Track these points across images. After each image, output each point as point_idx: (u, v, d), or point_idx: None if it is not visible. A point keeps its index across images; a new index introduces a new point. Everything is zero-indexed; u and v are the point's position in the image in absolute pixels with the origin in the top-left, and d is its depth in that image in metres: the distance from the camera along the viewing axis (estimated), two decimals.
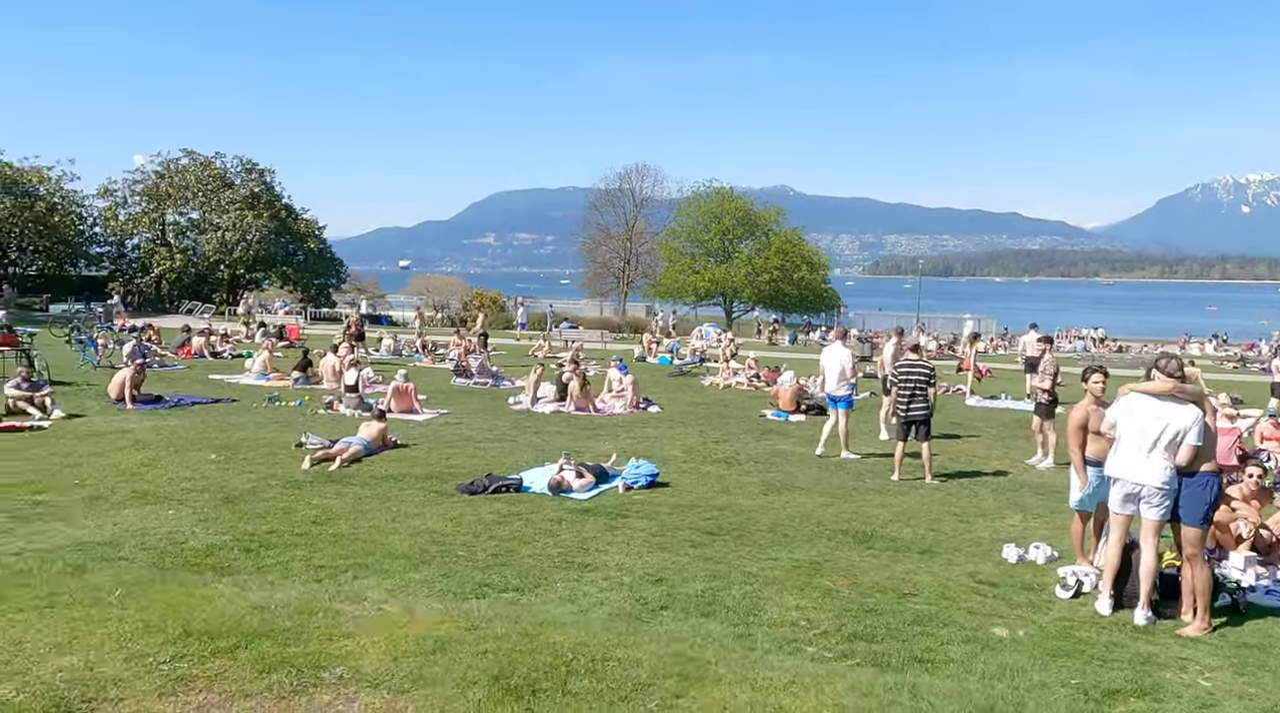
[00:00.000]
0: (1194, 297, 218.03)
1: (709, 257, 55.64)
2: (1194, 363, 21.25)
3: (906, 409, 10.35)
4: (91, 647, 4.44)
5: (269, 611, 5.00)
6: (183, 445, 10.75)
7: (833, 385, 11.83)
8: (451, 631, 4.82)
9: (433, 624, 4.92)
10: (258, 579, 5.86)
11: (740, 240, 55.36)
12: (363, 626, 4.87)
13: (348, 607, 5.17)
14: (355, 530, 7.32)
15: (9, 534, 6.88)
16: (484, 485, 8.88)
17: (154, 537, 6.93)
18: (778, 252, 53.32)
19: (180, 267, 47.46)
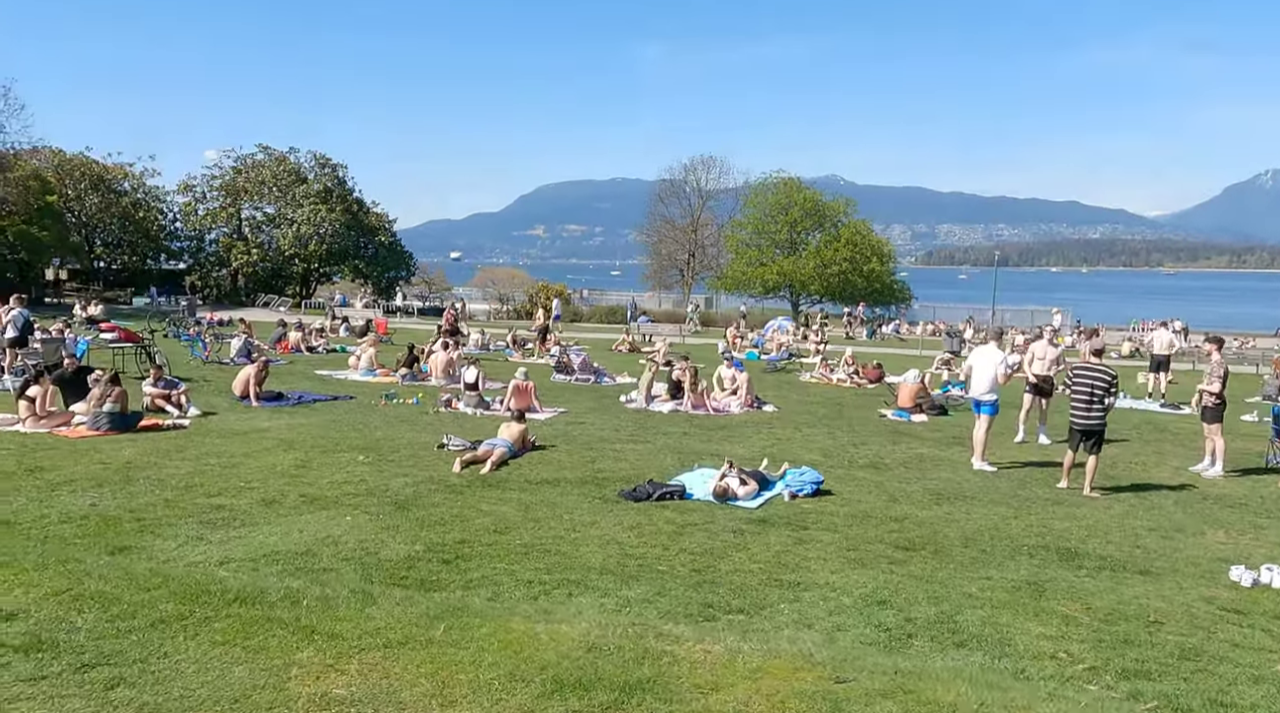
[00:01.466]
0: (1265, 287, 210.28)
1: (775, 249, 55.06)
2: None
3: (1085, 416, 9.84)
4: (468, 698, 4.16)
5: (603, 651, 4.68)
6: (328, 446, 10.73)
7: (981, 389, 11.37)
8: (821, 683, 4.42)
9: (790, 673, 4.53)
10: (505, 601, 5.67)
11: (808, 232, 54.67)
12: (720, 674, 4.48)
13: (667, 646, 4.81)
14: (539, 541, 7.15)
15: (204, 542, 6.83)
16: (648, 492, 8.66)
17: (346, 546, 6.83)
18: (847, 243, 52.53)
19: (256, 260, 48.31)
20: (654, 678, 4.37)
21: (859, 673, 4.54)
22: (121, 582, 5.22)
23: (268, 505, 8.00)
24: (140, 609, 4.91)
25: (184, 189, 49.23)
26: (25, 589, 5.12)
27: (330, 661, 4.36)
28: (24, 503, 7.76)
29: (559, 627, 4.81)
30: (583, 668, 4.42)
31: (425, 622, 4.90)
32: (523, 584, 6.07)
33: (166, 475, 8.97)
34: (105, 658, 4.27)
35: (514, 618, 4.87)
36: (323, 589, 5.53)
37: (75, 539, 6.76)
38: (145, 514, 7.53)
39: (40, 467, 9.14)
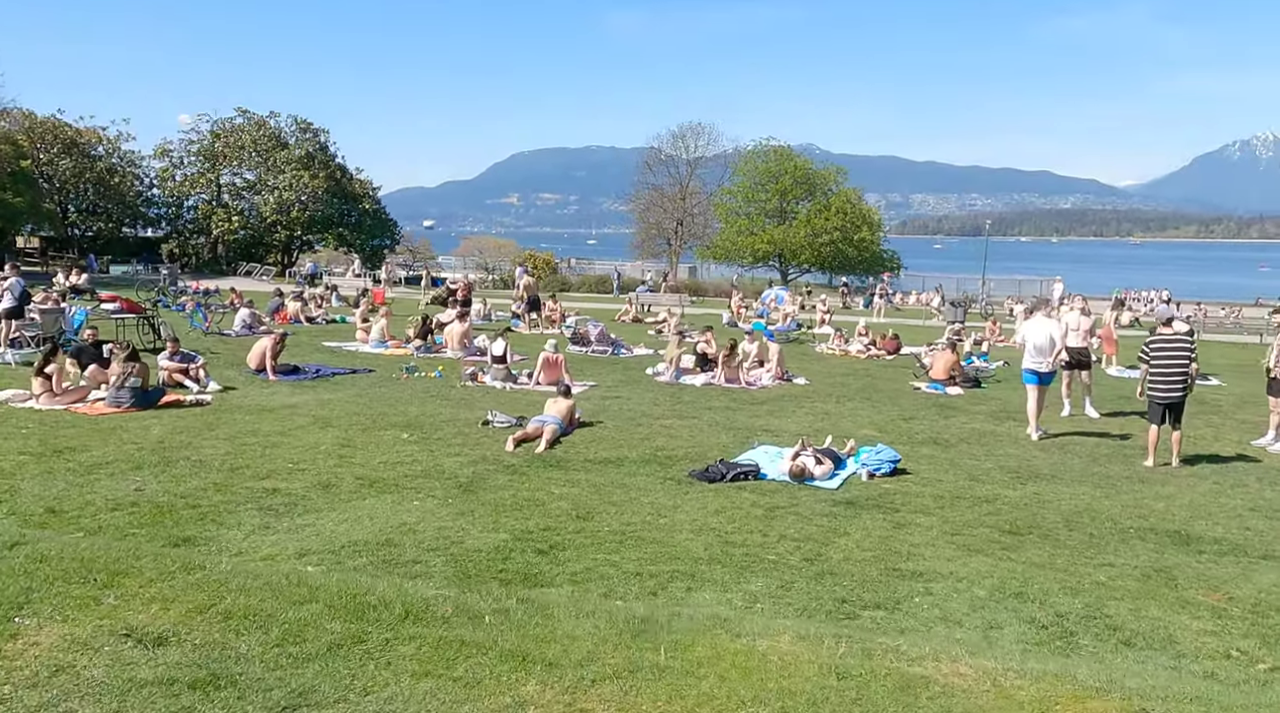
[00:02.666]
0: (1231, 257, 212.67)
1: (765, 217, 54.58)
2: None
3: (1170, 388, 9.51)
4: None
5: (855, 678, 3.97)
6: (366, 423, 10.20)
7: (1036, 360, 11.04)
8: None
9: (1077, 703, 3.87)
10: (623, 597, 5.22)
11: (799, 201, 54.20)
12: (1002, 706, 3.82)
13: (906, 666, 4.16)
14: (628, 528, 6.71)
15: (271, 531, 6.33)
16: (721, 473, 8.24)
17: (425, 535, 6.35)
18: (838, 212, 52.16)
19: (238, 228, 47.08)
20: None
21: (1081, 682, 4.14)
22: (263, 593, 4.58)
23: (325, 489, 7.50)
24: (304, 629, 4.24)
25: (160, 154, 47.74)
26: (162, 605, 4.41)
27: (566, 697, 3.73)
28: (63, 488, 7.19)
29: (776, 644, 4.27)
30: (862, 705, 3.78)
31: (626, 639, 4.31)
32: (631, 577, 5.63)
33: (206, 456, 8.42)
34: (301, 697, 3.66)
35: (713, 632, 4.34)
36: (461, 594, 4.97)
37: (132, 529, 6.23)
38: (198, 500, 7.00)
39: (69, 447, 8.55)
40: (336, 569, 5.51)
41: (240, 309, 19.58)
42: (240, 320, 19.18)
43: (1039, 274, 59.96)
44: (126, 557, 4.81)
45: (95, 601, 4.28)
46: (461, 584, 5.38)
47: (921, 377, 16.07)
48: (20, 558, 4.91)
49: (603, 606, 4.83)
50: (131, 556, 4.93)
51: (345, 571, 5.53)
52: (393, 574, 5.52)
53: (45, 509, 6.61)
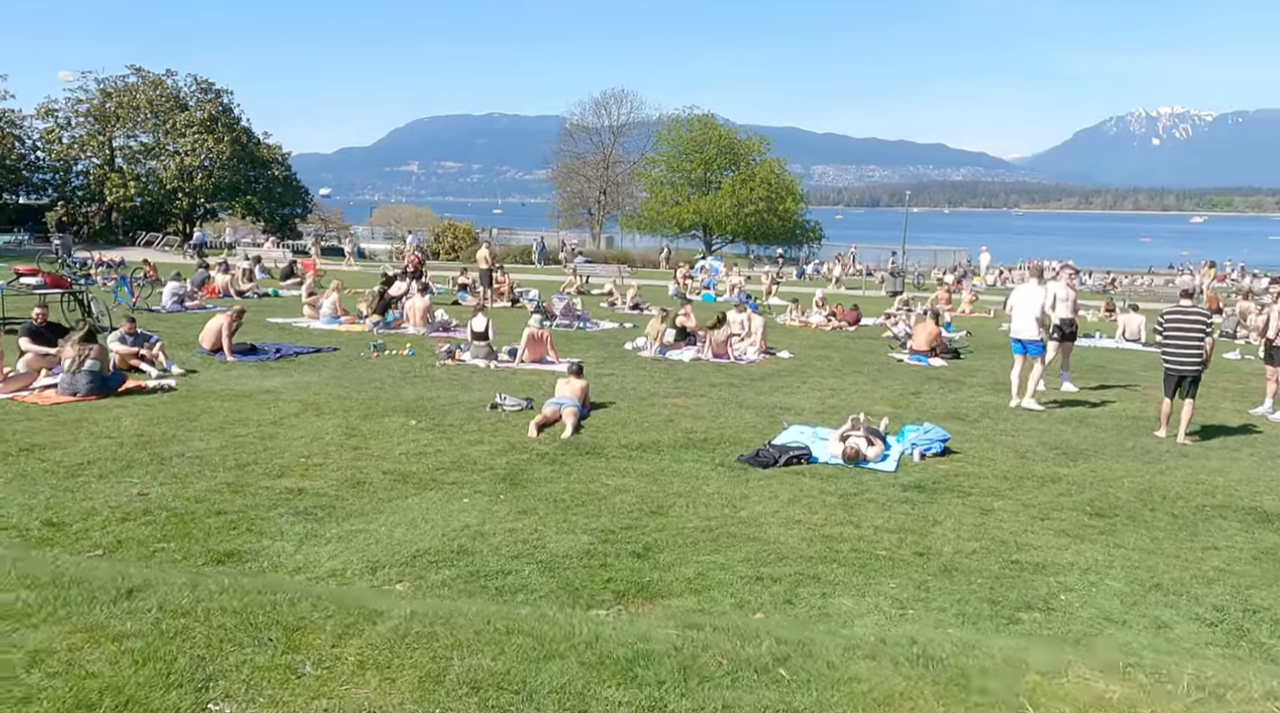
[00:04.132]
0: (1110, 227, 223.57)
1: (690, 187, 54.18)
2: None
3: (1184, 360, 9.49)
4: None
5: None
6: (362, 409, 9.32)
7: (1025, 329, 10.94)
8: None
9: None
10: (761, 607, 4.67)
11: (723, 170, 53.95)
12: None
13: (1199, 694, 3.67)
14: (712, 523, 6.17)
15: (320, 539, 5.55)
16: (774, 457, 7.77)
17: (497, 539, 5.67)
18: (763, 182, 52.15)
19: (134, 194, 43.96)
20: None
21: None
22: (476, 645, 3.65)
23: (356, 487, 6.71)
24: (584, 703, 3.38)
25: (44, 113, 44.03)
26: (383, 676, 3.41)
27: None
28: (51, 494, 6.20)
29: (1064, 684, 3.68)
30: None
31: (940, 689, 3.65)
32: (752, 583, 5.10)
33: (201, 452, 7.48)
34: None
35: (1020, 671, 3.74)
36: (685, 632, 4.14)
37: (158, 543, 5.35)
38: (219, 505, 6.13)
39: (36, 444, 7.46)
40: (430, 589, 4.81)
41: (169, 282, 18.03)
42: (170, 294, 17.67)
43: (927, 244, 60.74)
44: (284, 603, 3.77)
45: (291, 672, 3.30)
46: (574, 598, 4.77)
47: (898, 349, 15.98)
48: (150, 608, 3.59)
49: (875, 643, 4.16)
50: (289, 601, 3.89)
51: (433, 588, 4.84)
52: (488, 590, 4.87)
53: (42, 522, 5.65)
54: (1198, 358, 9.49)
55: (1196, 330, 9.52)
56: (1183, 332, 9.56)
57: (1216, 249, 76.01)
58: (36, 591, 3.11)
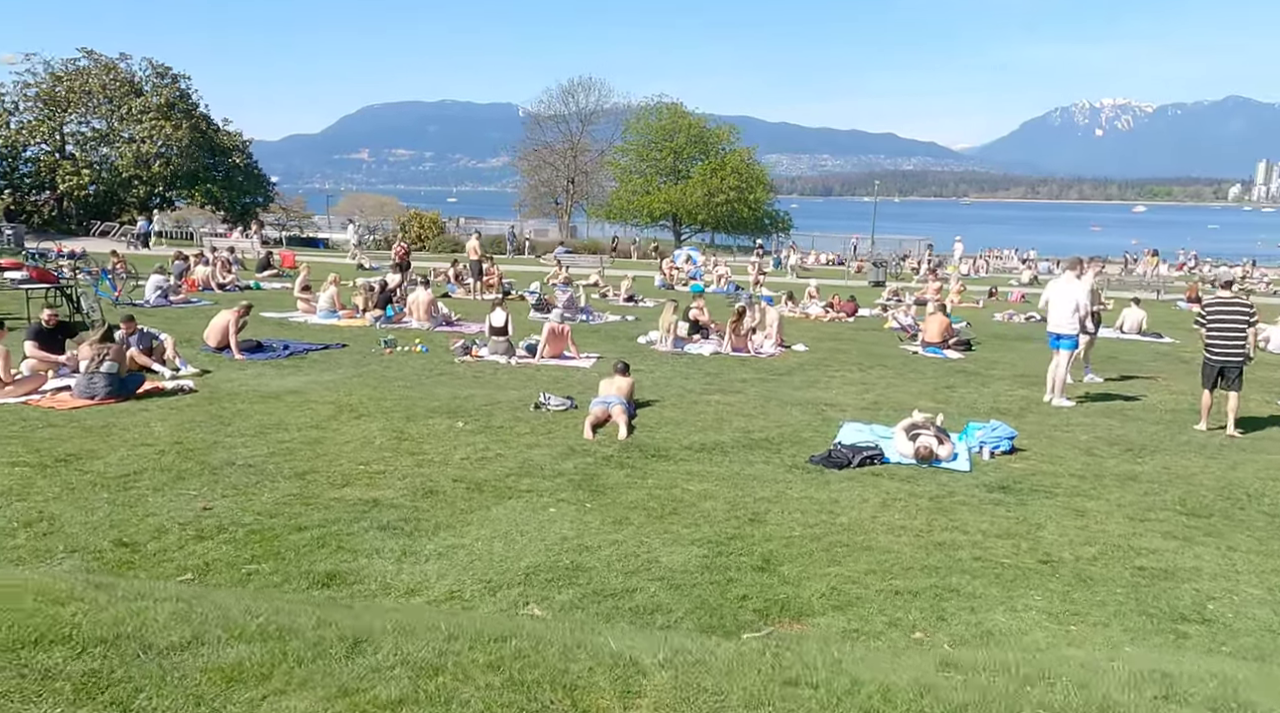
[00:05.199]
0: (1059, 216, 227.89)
1: (659, 176, 53.83)
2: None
3: (1227, 351, 9.45)
4: None
5: None
6: (401, 411, 8.90)
7: (1061, 323, 10.87)
8: None
9: None
10: (917, 628, 4.42)
11: (693, 159, 53.66)
12: None
13: None
14: (814, 530, 5.92)
15: (416, 558, 5.19)
16: (848, 458, 7.55)
17: (606, 553, 5.36)
18: (733, 171, 52.01)
19: (88, 183, 42.33)
20: None
21: None
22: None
23: (430, 497, 6.34)
24: None
25: None
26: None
27: None
28: (109, 509, 5.75)
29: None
30: None
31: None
32: (891, 598, 4.87)
33: (250, 459, 7.04)
34: None
35: (1237, 689, 3.57)
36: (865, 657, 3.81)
37: (247, 564, 4.96)
38: (295, 520, 5.73)
39: (71, 454, 6.95)
40: (562, 610, 4.50)
41: (152, 276, 17.27)
42: (153, 288, 16.93)
43: (888, 233, 60.44)
44: (529, 650, 3.11)
45: None
46: (716, 619, 4.50)
47: (908, 340, 15.91)
48: (392, 665, 2.89)
49: (1160, 682, 3.54)
50: (532, 648, 3.15)
51: (564, 610, 4.54)
52: (622, 611, 4.57)
53: (113, 542, 5.21)
54: (1240, 349, 9.48)
55: (1239, 321, 9.50)
56: (1225, 323, 9.54)
57: (1161, 238, 77.46)
58: (252, 644, 2.72)
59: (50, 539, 5.21)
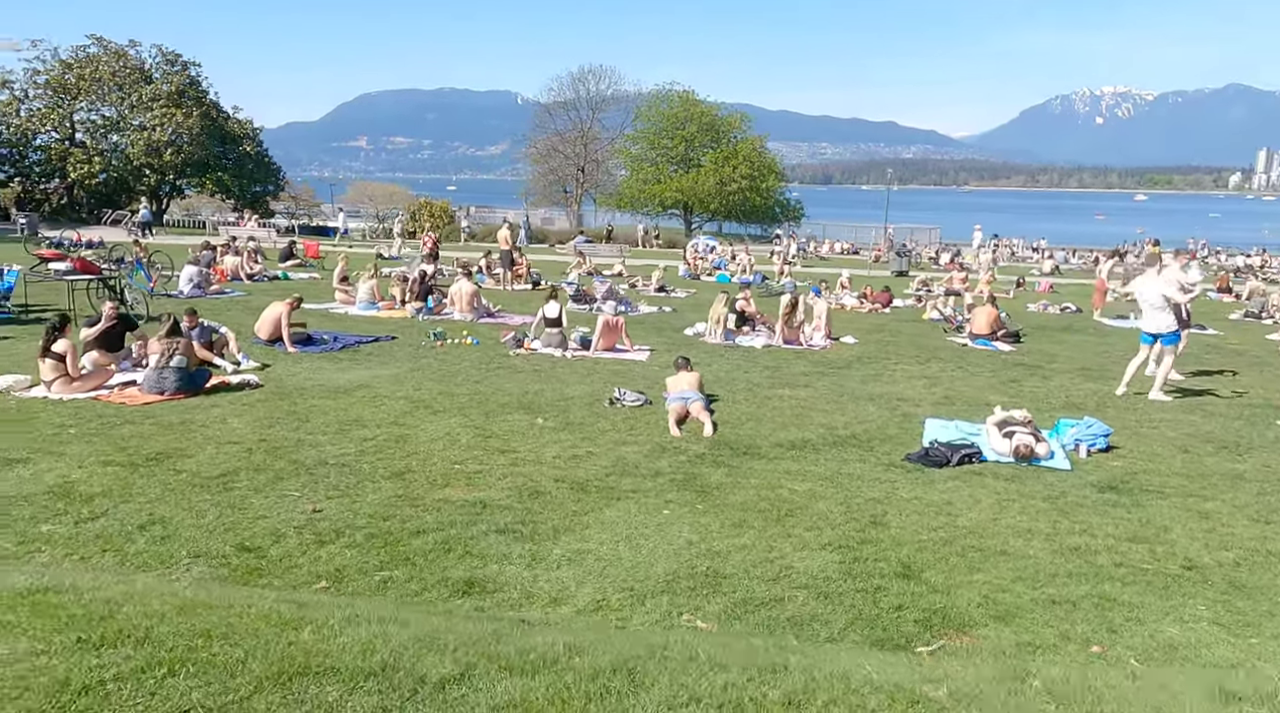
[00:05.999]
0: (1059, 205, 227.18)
1: (670, 165, 53.49)
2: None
3: None
4: None
5: None
6: (475, 406, 8.72)
7: (1155, 322, 10.65)
8: None
9: None
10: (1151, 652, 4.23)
11: (704, 148, 53.29)
12: None
13: None
14: (938, 534, 5.75)
15: (550, 563, 5.02)
16: (946, 457, 7.39)
17: (737, 559, 5.19)
18: (745, 159, 51.68)
19: (99, 171, 42.01)
20: None
21: None
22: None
23: (537, 498, 6.16)
24: None
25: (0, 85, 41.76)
26: None
27: None
28: (218, 512, 5.58)
29: None
30: None
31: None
32: (1049, 606, 4.69)
33: (340, 458, 6.86)
34: None
35: None
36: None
37: (380, 572, 4.79)
38: (410, 523, 5.56)
39: (159, 452, 6.78)
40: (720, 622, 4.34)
41: (185, 266, 17.06)
42: (187, 278, 16.73)
43: (893, 222, 59.60)
44: (801, 679, 2.87)
45: None
46: (878, 631, 4.34)
47: (953, 332, 15.73)
48: (669, 690, 2.71)
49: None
50: (840, 683, 2.94)
51: (722, 621, 4.38)
52: (779, 622, 4.41)
53: (235, 547, 5.04)
54: None
55: None
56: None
57: (1164, 227, 76.94)
58: (525, 678, 2.55)
59: (169, 544, 5.04)
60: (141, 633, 2.71)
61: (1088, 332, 17.03)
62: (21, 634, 2.67)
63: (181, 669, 2.48)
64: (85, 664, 2.46)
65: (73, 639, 2.64)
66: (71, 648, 2.58)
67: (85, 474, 6.20)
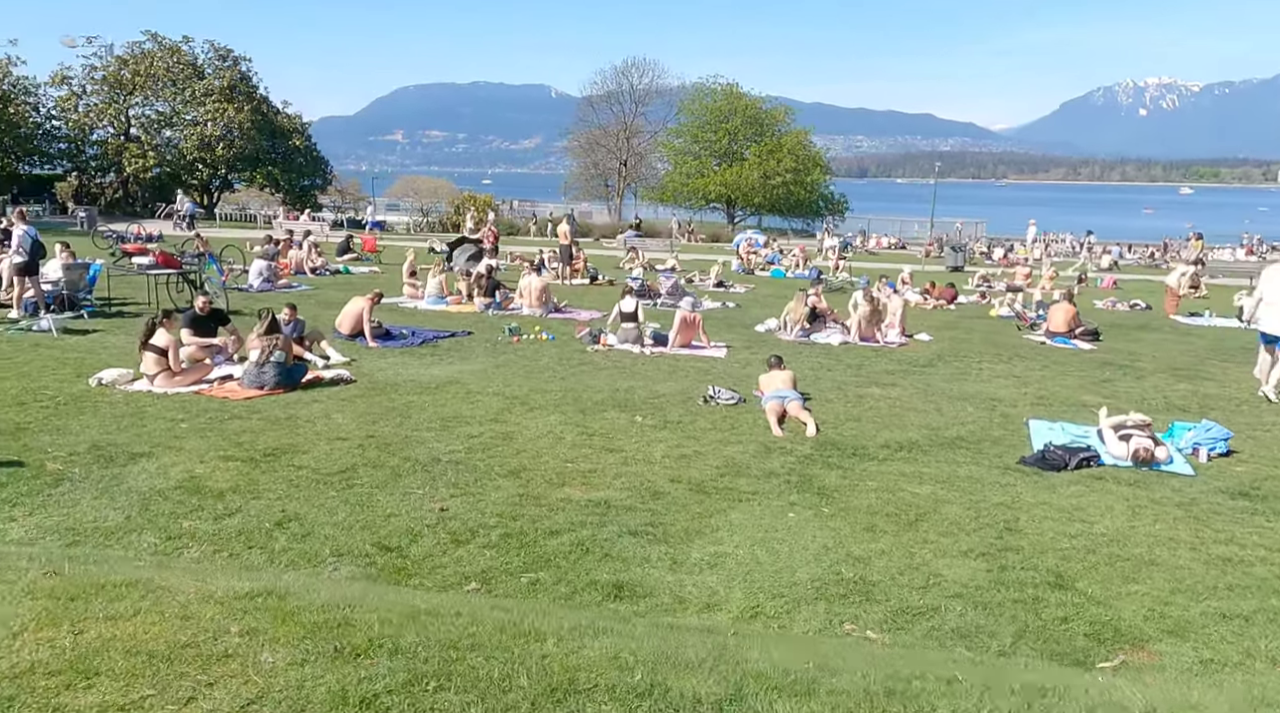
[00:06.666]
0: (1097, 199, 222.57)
1: (714, 159, 53.23)
2: None
3: None
4: None
5: None
6: (574, 404, 8.66)
7: (1270, 318, 10.25)
8: None
9: None
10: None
11: (748, 141, 52.93)
12: None
13: None
14: (1075, 540, 5.57)
15: (687, 567, 4.93)
16: (1064, 460, 7.20)
17: (881, 565, 5.07)
18: (790, 152, 51.26)
19: (153, 165, 42.64)
20: None
21: None
22: None
23: (658, 499, 6.08)
24: None
25: (59, 81, 42.50)
26: None
27: None
28: (348, 510, 5.56)
29: None
30: None
31: None
32: (1220, 620, 4.52)
33: (453, 454, 6.84)
34: None
35: None
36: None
37: (525, 573, 4.74)
38: (537, 522, 5.51)
39: (274, 448, 6.80)
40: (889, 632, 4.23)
41: (255, 260, 17.23)
42: (257, 272, 16.89)
43: (923, 215, 57.76)
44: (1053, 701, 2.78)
45: None
46: (1051, 645, 4.20)
47: (1026, 330, 15.43)
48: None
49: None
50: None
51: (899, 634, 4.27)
52: (942, 633, 4.29)
53: (374, 546, 5.02)
54: None
55: None
56: None
57: (1212, 220, 74.79)
58: (798, 700, 2.47)
59: (310, 542, 5.03)
60: (390, 643, 2.66)
61: (1164, 330, 16.62)
62: (277, 643, 2.64)
63: (449, 684, 2.42)
64: (353, 677, 2.42)
65: (329, 649, 2.59)
66: (330, 658, 2.54)
67: (209, 470, 6.23)
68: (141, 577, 3.23)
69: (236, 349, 9.84)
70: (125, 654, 2.56)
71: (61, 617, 2.74)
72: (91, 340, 11.00)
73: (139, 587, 3.01)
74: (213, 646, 2.61)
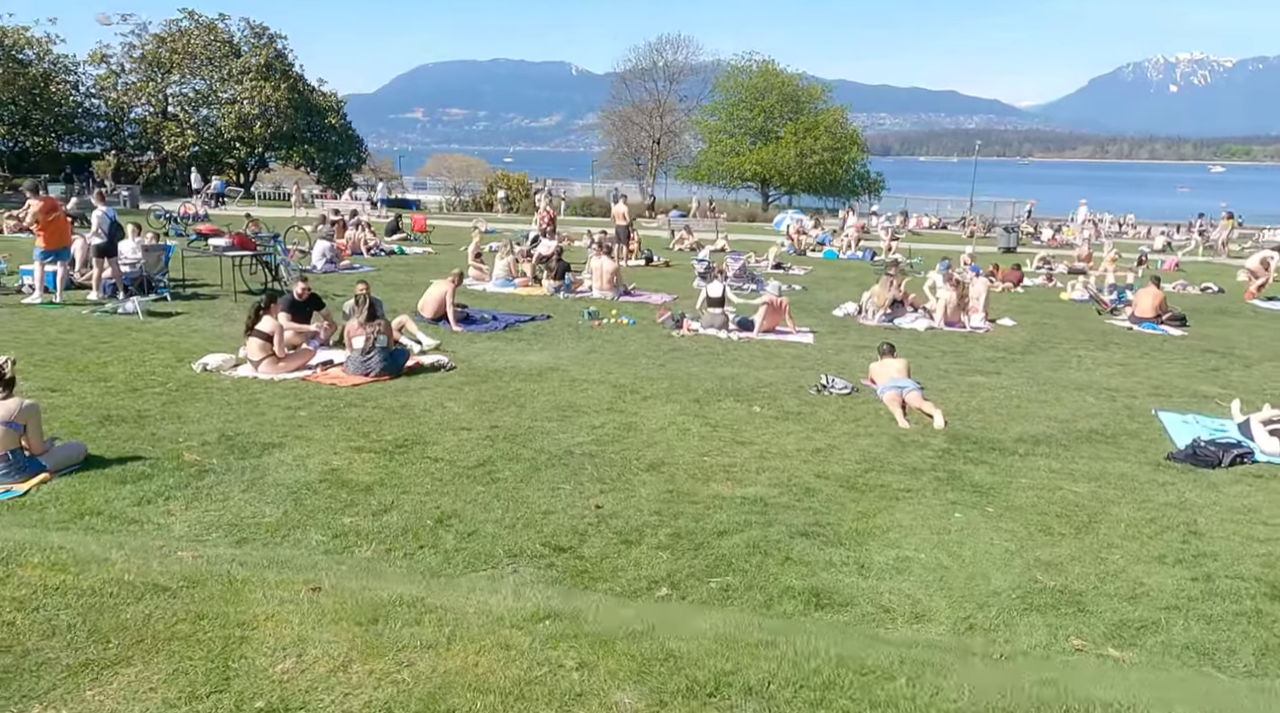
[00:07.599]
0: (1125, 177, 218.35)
1: (748, 137, 52.56)
2: None
3: None
4: None
5: None
6: (685, 393, 8.42)
7: None
8: None
9: None
10: None
11: (784, 119, 52.19)
12: None
13: None
14: (1271, 548, 5.32)
15: (873, 572, 4.70)
16: (1218, 457, 6.90)
17: (1076, 571, 4.83)
18: (827, 131, 50.54)
19: (192, 143, 42.62)
20: None
21: None
22: None
23: (809, 496, 5.86)
24: None
25: (98, 59, 42.46)
26: None
27: None
28: (501, 506, 5.36)
29: None
30: None
31: None
32: None
33: (584, 446, 6.63)
34: None
35: None
36: None
37: (709, 577, 4.52)
38: (699, 520, 5.30)
39: (404, 440, 6.60)
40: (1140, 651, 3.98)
41: (318, 242, 17.07)
42: (320, 254, 16.73)
43: (945, 194, 56.23)
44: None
45: None
46: None
47: (1106, 313, 15.03)
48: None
49: None
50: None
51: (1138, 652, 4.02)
52: (1175, 649, 4.04)
53: (545, 546, 4.82)
54: None
55: None
56: None
57: (1246, 199, 72.70)
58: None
59: (479, 541, 4.84)
60: (738, 682, 2.45)
61: (1246, 315, 16.17)
62: (618, 678, 2.43)
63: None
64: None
65: (680, 687, 2.38)
66: (684, 697, 2.32)
67: (345, 461, 6.05)
68: (408, 593, 3.03)
69: (330, 334, 9.67)
70: (473, 692, 2.36)
71: (377, 646, 2.54)
72: (178, 323, 10.87)
73: (417, 606, 2.80)
74: (556, 682, 2.41)
